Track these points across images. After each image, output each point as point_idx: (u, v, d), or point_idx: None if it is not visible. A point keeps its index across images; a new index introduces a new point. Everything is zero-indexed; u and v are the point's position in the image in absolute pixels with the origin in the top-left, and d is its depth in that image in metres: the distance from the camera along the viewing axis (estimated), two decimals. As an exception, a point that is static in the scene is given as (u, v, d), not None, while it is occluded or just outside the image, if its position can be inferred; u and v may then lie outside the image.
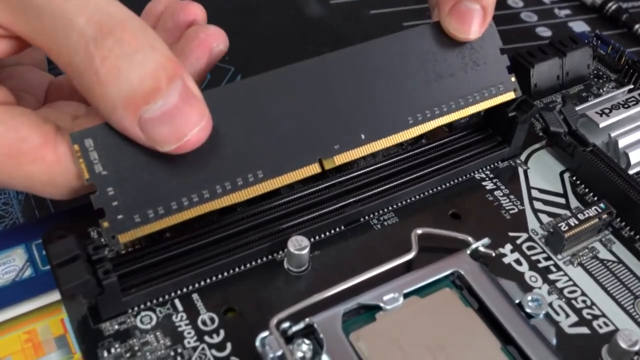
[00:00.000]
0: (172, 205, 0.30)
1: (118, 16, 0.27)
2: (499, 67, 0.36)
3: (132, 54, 0.27)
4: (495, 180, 0.37)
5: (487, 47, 0.36)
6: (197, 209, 0.30)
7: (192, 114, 0.28)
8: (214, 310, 0.31)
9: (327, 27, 0.53)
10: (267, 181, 0.32)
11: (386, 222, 0.35)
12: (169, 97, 0.27)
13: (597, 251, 0.34)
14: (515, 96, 0.37)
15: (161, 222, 0.30)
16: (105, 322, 0.30)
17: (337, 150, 0.33)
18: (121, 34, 0.27)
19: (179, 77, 0.28)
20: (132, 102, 0.27)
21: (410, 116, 0.34)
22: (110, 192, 0.29)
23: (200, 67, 0.33)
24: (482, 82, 0.36)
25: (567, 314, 0.32)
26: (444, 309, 0.30)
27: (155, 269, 0.31)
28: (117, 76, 0.27)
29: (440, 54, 0.35)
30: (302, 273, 0.33)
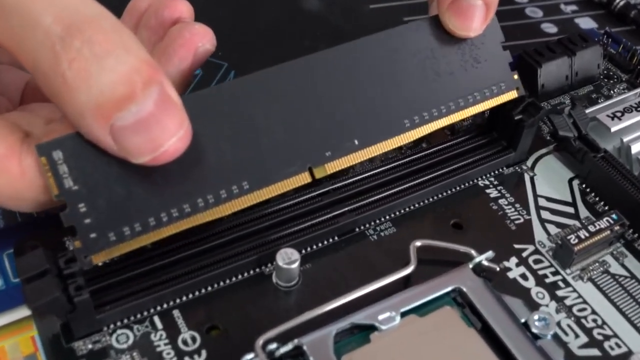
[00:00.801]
0: (149, 222, 0.27)
1: (89, 14, 0.25)
2: (500, 64, 0.34)
3: (102, 56, 0.24)
4: (500, 188, 0.35)
5: (488, 43, 0.34)
6: (177, 224, 0.28)
7: (169, 123, 0.26)
8: (196, 328, 0.29)
9: (324, 21, 0.52)
10: (253, 193, 0.29)
11: (383, 232, 0.33)
12: (143, 103, 0.25)
13: (608, 265, 0.32)
14: (517, 95, 0.34)
15: (138, 240, 0.27)
16: (79, 341, 0.28)
17: (329, 157, 0.31)
18: (91, 33, 0.25)
19: (155, 82, 0.25)
20: (102, 109, 0.25)
21: (406, 119, 0.32)
22: (82, 208, 0.27)
23: (184, 68, 0.30)
24: (483, 81, 0.34)
25: (576, 334, 0.30)
26: (444, 329, 0.28)
27: (132, 283, 0.29)
28: (86, 80, 0.24)
29: (438, 51, 0.33)
30: (292, 288, 0.30)
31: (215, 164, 0.29)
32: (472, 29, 0.33)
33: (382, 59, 0.32)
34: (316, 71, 0.31)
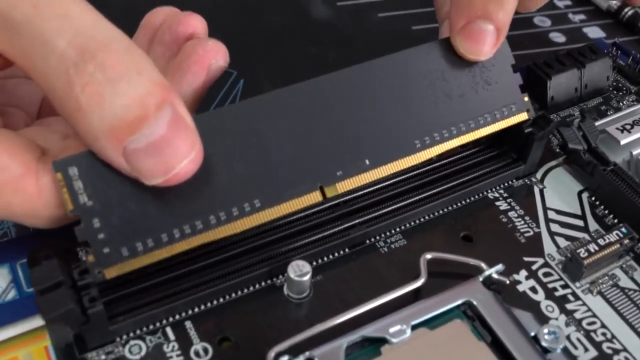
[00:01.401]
0: (162, 238, 0.28)
1: (102, 38, 0.25)
2: (511, 86, 0.34)
3: (115, 80, 0.25)
4: (510, 200, 0.35)
5: (499, 65, 0.34)
6: (189, 241, 0.28)
7: (181, 145, 0.26)
8: (208, 339, 0.29)
9: (333, 29, 0.52)
10: (264, 211, 0.29)
11: (393, 244, 0.33)
12: (156, 126, 0.25)
13: (617, 279, 0.32)
14: (528, 117, 0.34)
15: (151, 256, 0.28)
16: (92, 352, 0.28)
17: (340, 177, 0.31)
18: (104, 58, 0.25)
19: (168, 104, 0.26)
20: (116, 132, 0.25)
21: (417, 139, 0.32)
22: (96, 224, 0.27)
23: (197, 85, 0.31)
24: (493, 103, 0.34)
25: (585, 347, 0.30)
26: (454, 342, 0.29)
27: (145, 294, 0.29)
28: (99, 104, 0.25)
29: (449, 73, 0.33)
30: (303, 300, 0.31)
31: (227, 182, 0.29)
32: (483, 53, 0.33)
33: (394, 80, 0.32)
34: (328, 92, 0.31)
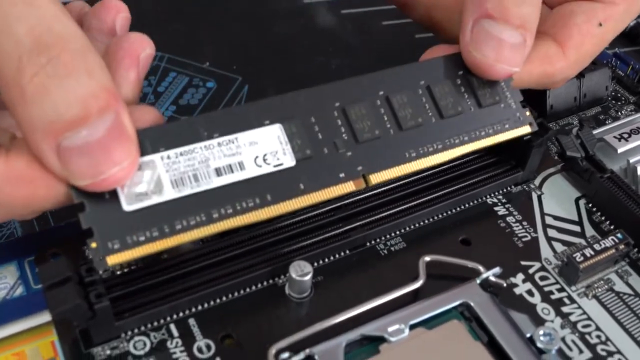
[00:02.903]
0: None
1: (60, 33, 0.25)
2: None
3: (64, 76, 0.25)
4: (508, 206, 0.36)
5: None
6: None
7: (116, 152, 0.26)
8: (211, 336, 0.30)
9: (337, 37, 0.52)
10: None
11: (393, 247, 0.34)
12: (95, 128, 0.25)
13: (612, 283, 0.33)
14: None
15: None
16: (97, 347, 0.29)
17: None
18: (58, 52, 0.25)
19: (112, 111, 0.26)
20: (53, 127, 0.25)
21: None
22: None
23: (132, 78, 0.30)
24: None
25: (580, 349, 0.30)
26: (451, 342, 0.29)
27: (150, 291, 0.30)
28: (43, 97, 0.25)
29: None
30: (304, 299, 0.31)
31: None
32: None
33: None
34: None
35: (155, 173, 0.28)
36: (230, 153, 0.29)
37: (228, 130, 0.30)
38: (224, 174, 0.29)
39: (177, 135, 0.29)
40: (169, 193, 0.28)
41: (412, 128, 0.33)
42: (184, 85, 0.47)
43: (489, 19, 0.32)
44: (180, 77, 0.48)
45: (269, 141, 0.30)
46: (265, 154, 0.30)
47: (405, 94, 0.33)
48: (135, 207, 0.27)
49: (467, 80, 0.34)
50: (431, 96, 0.33)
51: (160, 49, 0.49)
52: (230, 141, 0.29)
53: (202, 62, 0.49)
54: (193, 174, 0.28)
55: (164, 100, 0.46)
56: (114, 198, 0.27)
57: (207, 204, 0.29)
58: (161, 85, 0.47)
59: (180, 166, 0.28)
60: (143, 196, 0.28)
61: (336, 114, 0.32)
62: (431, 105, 0.33)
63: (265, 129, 0.30)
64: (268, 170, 0.30)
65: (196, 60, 0.49)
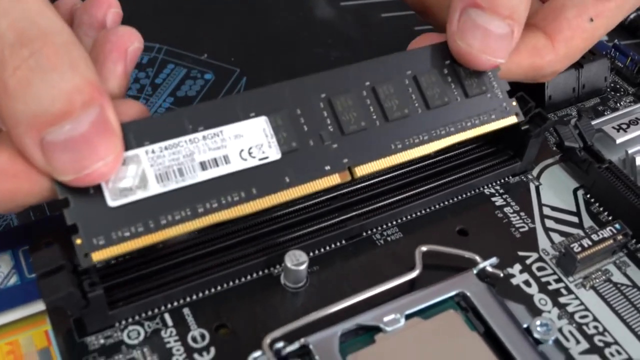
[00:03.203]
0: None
1: (44, 27, 0.25)
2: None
3: (48, 70, 0.25)
4: (506, 196, 0.36)
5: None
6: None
7: (100, 147, 0.26)
8: (206, 326, 0.29)
9: (336, 29, 0.52)
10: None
11: (389, 237, 0.33)
12: (79, 123, 0.25)
13: (610, 274, 0.33)
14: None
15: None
16: (91, 336, 0.29)
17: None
18: (41, 46, 0.25)
19: (96, 105, 0.25)
20: (37, 121, 0.25)
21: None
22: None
23: (119, 71, 0.30)
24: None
25: (577, 340, 0.30)
26: (447, 332, 0.29)
27: (145, 281, 0.30)
28: (26, 90, 0.25)
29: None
30: (299, 289, 0.31)
31: None
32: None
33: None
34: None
35: (140, 168, 0.28)
36: (215, 146, 0.29)
37: (213, 123, 0.29)
38: (209, 168, 0.29)
39: (161, 129, 0.28)
40: (154, 188, 0.28)
41: (398, 119, 0.32)
42: (182, 77, 0.47)
43: (477, 8, 0.32)
44: (178, 69, 0.48)
45: (254, 134, 0.30)
46: (251, 147, 0.30)
47: (391, 84, 0.33)
48: (119, 203, 0.27)
49: (453, 70, 0.34)
50: (417, 86, 0.33)
51: (158, 41, 0.49)
52: (215, 134, 0.29)
53: (200, 53, 0.49)
54: (178, 168, 0.28)
55: (162, 92, 0.46)
56: (98, 194, 0.27)
57: (193, 199, 0.28)
58: (159, 77, 0.47)
59: (165, 160, 0.28)
60: (128, 191, 0.27)
61: (322, 106, 0.31)
62: (417, 95, 0.33)
63: (250, 122, 0.30)
64: (253, 163, 0.30)
65: (194, 52, 0.49)
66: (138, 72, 0.47)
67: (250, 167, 0.30)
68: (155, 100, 0.45)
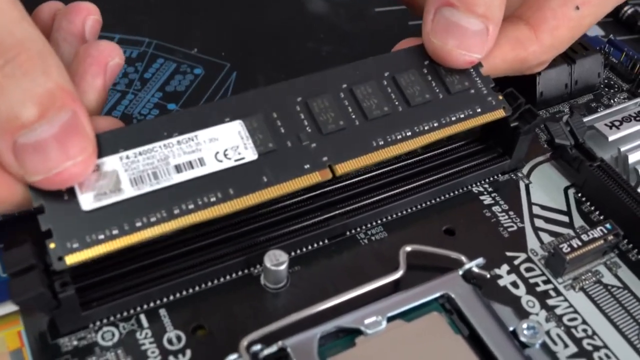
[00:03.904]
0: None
1: (19, 36, 0.26)
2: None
3: (21, 76, 0.25)
4: (494, 195, 0.35)
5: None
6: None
7: (70, 147, 0.26)
8: (182, 327, 0.29)
9: (329, 23, 0.51)
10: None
11: (374, 236, 0.33)
12: (50, 125, 0.25)
13: (601, 275, 0.32)
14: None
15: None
16: (64, 337, 0.28)
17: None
18: (16, 54, 0.25)
19: (68, 109, 0.26)
20: (10, 126, 0.25)
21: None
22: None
23: (98, 85, 0.30)
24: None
25: (565, 343, 0.29)
26: (430, 335, 0.28)
27: (120, 280, 0.29)
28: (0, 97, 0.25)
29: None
30: (279, 290, 0.30)
31: None
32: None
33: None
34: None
35: (114, 172, 0.28)
36: (190, 150, 0.29)
37: (188, 128, 0.29)
38: (184, 171, 0.28)
39: (136, 137, 0.29)
40: (128, 191, 0.27)
41: (378, 117, 0.32)
42: (171, 72, 0.46)
43: (450, 7, 0.32)
44: (168, 64, 0.47)
45: (229, 137, 0.30)
46: (226, 149, 0.29)
47: (369, 85, 0.32)
48: (93, 207, 0.27)
49: (434, 69, 0.33)
50: (397, 86, 0.33)
51: (148, 35, 0.48)
52: (190, 139, 0.29)
53: (190, 48, 0.48)
54: (152, 171, 0.28)
55: (151, 87, 0.45)
56: (72, 198, 0.27)
57: (168, 200, 0.28)
58: (148, 71, 0.46)
59: (140, 165, 0.28)
60: (102, 195, 0.27)
61: (298, 108, 0.31)
62: (397, 94, 0.33)
63: (225, 126, 0.30)
64: (229, 164, 0.29)
65: (184, 47, 0.48)
66: (127, 66, 0.46)
67: (227, 168, 0.29)
68: (143, 95, 0.44)
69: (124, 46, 0.47)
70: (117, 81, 0.45)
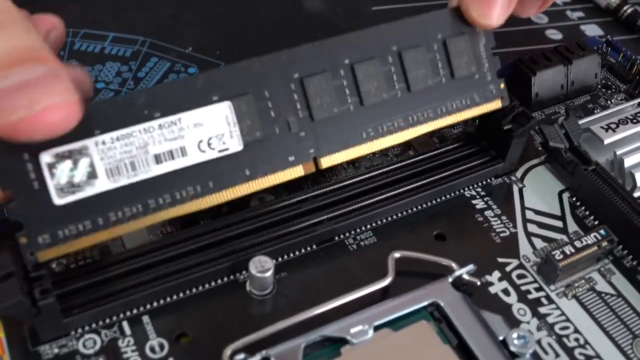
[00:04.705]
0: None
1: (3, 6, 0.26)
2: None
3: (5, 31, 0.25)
4: (487, 199, 0.34)
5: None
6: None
7: (53, 88, 0.24)
8: (166, 335, 0.28)
9: (326, 22, 0.51)
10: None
11: (363, 242, 0.32)
12: (33, 70, 0.24)
13: (594, 282, 0.31)
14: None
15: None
16: (45, 345, 0.28)
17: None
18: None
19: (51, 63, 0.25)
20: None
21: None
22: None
23: None
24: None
25: (557, 353, 0.29)
26: (418, 345, 0.28)
27: (102, 287, 0.29)
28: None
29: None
30: (265, 297, 0.30)
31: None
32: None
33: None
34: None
35: (89, 162, 0.26)
36: (172, 137, 0.27)
37: (172, 107, 0.27)
38: (164, 161, 0.27)
39: (114, 114, 0.27)
40: (104, 184, 0.26)
41: (374, 104, 0.31)
42: (165, 71, 0.46)
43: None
44: (162, 63, 0.46)
45: (215, 122, 0.28)
46: (211, 137, 0.28)
47: (372, 64, 0.31)
48: (66, 201, 0.26)
49: (444, 47, 0.32)
50: (401, 65, 0.31)
51: (142, 33, 0.48)
52: (173, 123, 0.27)
53: (185, 47, 0.47)
54: (130, 161, 0.27)
55: (144, 86, 0.45)
56: (43, 190, 0.26)
57: (144, 194, 0.27)
58: (142, 70, 0.46)
59: (117, 153, 0.27)
60: (75, 188, 0.26)
61: (293, 87, 0.29)
62: (400, 76, 0.31)
63: (212, 108, 0.28)
64: (212, 156, 0.28)
65: (178, 45, 0.47)
66: (120, 65, 0.45)
67: (209, 160, 0.28)
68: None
69: (118, 44, 0.46)
70: (110, 80, 0.44)
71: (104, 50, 0.46)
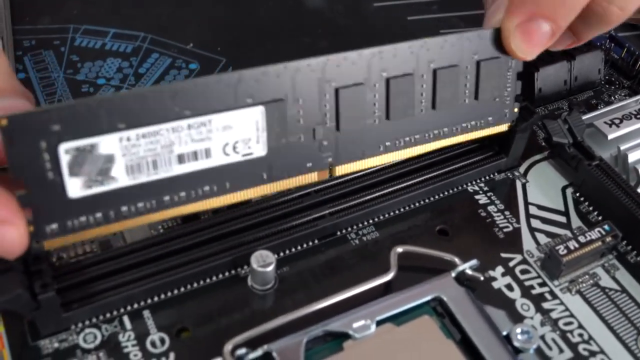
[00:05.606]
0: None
1: None
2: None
3: None
4: (490, 194, 0.34)
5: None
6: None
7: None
8: (166, 330, 0.28)
9: (327, 19, 0.51)
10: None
11: (365, 237, 0.32)
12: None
13: (598, 278, 0.31)
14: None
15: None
16: (45, 339, 0.27)
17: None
18: None
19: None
20: None
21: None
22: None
23: None
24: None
25: (560, 348, 0.29)
26: (421, 340, 0.27)
27: (103, 281, 0.28)
28: None
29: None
30: (267, 291, 0.30)
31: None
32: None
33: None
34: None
35: (110, 157, 0.25)
36: (199, 138, 0.27)
37: (202, 107, 0.26)
38: (186, 162, 0.27)
39: (142, 109, 0.25)
40: (122, 180, 0.26)
41: (398, 119, 0.31)
42: (167, 67, 0.46)
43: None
44: (163, 59, 0.46)
45: (245, 126, 0.27)
46: (237, 141, 0.27)
47: (407, 80, 0.30)
48: (81, 194, 0.26)
49: (477, 68, 0.31)
50: (433, 83, 0.31)
51: (143, 29, 0.48)
52: (203, 124, 0.26)
53: (186, 43, 0.47)
54: (153, 160, 0.26)
55: (145, 82, 0.44)
56: (59, 181, 0.25)
57: (160, 190, 0.27)
58: (142, 66, 0.46)
59: (140, 150, 0.26)
60: (92, 182, 0.26)
61: (327, 97, 0.29)
62: (428, 94, 0.31)
63: (244, 112, 0.27)
64: (235, 159, 0.28)
65: (180, 41, 0.47)
66: (121, 61, 0.45)
67: (232, 163, 0.28)
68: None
69: (119, 40, 0.46)
70: (111, 76, 0.44)
71: (104, 46, 0.46)
